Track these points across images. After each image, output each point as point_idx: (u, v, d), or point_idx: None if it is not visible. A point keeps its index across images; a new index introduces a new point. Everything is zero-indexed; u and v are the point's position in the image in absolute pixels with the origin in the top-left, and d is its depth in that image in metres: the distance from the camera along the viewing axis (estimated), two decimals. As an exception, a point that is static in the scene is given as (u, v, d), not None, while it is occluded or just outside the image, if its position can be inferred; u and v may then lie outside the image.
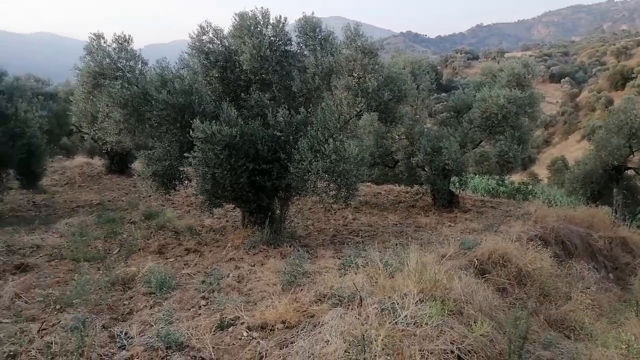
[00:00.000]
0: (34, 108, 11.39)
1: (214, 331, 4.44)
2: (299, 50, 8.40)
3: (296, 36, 8.37)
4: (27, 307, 5.57)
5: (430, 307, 3.68)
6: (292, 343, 3.85)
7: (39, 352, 4.27)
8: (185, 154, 7.59)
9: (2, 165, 10.97)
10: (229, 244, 8.08)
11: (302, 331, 4.07)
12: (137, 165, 19.01)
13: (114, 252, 8.10)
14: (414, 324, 3.56)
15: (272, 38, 8.03)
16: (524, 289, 6.55)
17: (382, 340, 3.21)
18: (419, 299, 3.87)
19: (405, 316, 3.61)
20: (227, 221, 10.58)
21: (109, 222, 9.99)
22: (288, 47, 8.32)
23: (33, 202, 13.16)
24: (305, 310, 4.55)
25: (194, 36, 8.37)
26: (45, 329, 4.89)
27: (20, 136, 10.49)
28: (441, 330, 3.52)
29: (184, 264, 7.36)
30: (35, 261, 7.46)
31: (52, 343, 4.42)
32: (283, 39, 8.21)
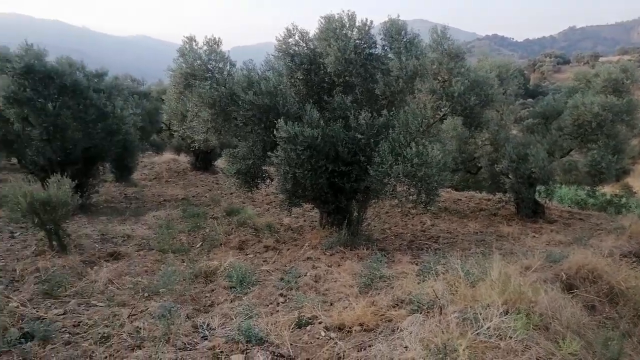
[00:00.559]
0: (129, 106, 12.06)
1: (292, 328, 4.51)
2: (383, 53, 8.36)
3: (381, 39, 8.34)
4: (119, 292, 5.92)
5: (514, 320, 3.54)
6: (370, 346, 3.83)
7: (129, 335, 4.52)
8: (268, 153, 7.77)
9: (100, 158, 11.73)
10: (307, 244, 8.18)
11: (380, 335, 4.04)
12: (220, 163, 19.73)
13: (197, 246, 8.43)
14: (498, 337, 3.43)
15: (357, 41, 8.05)
16: (616, 308, 6.12)
17: (464, 350, 3.12)
18: (503, 311, 3.73)
19: (489, 327, 3.49)
20: (304, 221, 10.72)
21: (193, 216, 10.43)
22: (373, 50, 8.30)
23: (125, 194, 13.99)
24: (383, 315, 4.52)
25: (281, 39, 8.55)
26: (134, 315, 5.18)
27: (117, 132, 11.17)
28: (526, 345, 3.37)
29: (263, 261, 7.53)
30: (126, 250, 7.92)
31: (140, 328, 4.67)
32: (368, 42, 8.20)
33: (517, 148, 11.42)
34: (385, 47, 8.35)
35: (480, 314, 3.69)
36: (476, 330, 3.52)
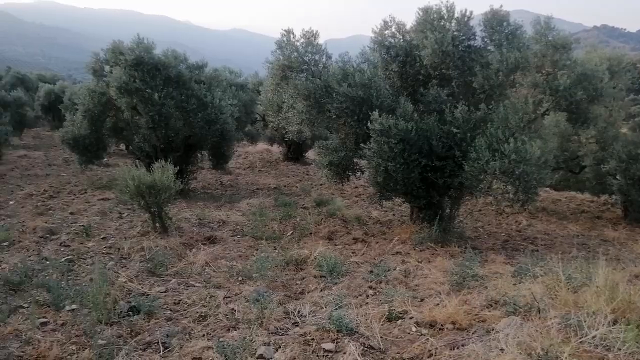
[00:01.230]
0: (227, 97, 12.52)
1: (382, 321, 4.51)
2: (482, 45, 8.06)
3: (481, 30, 8.04)
4: (215, 275, 6.21)
5: (624, 331, 3.29)
6: (463, 345, 3.74)
7: (225, 316, 4.73)
8: (361, 146, 7.78)
9: (199, 147, 12.32)
10: (396, 238, 8.11)
11: (473, 335, 3.93)
12: (311, 154, 20.02)
13: (288, 234, 8.62)
14: (604, 347, 3.21)
15: (455, 33, 7.82)
16: None
17: (567, 358, 2.96)
18: (611, 320, 3.49)
19: (594, 337, 3.28)
20: (393, 215, 10.63)
21: (284, 205, 10.68)
22: (471, 42, 8.03)
23: (220, 181, 14.60)
24: (477, 314, 4.38)
25: (377, 30, 8.50)
26: (229, 297, 5.41)
27: (215, 122, 11.66)
28: (637, 359, 3.14)
29: (352, 252, 7.56)
30: (221, 235, 8.28)
31: (235, 310, 4.87)
32: (467, 33, 7.94)
33: (627, 147, 10.59)
34: (485, 39, 8.04)
35: (585, 322, 3.48)
36: (580, 338, 3.32)
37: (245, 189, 13.63)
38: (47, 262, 6.38)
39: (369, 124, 7.45)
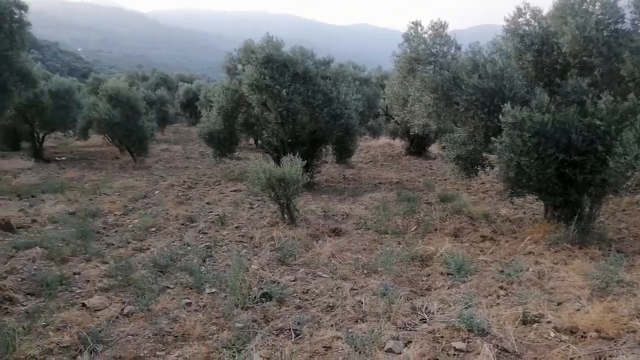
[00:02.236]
0: (351, 92, 12.65)
1: (517, 324, 4.29)
2: (632, 29, 7.31)
3: (630, 12, 7.30)
4: (340, 267, 6.31)
5: None
6: (610, 356, 3.44)
7: (352, 308, 4.80)
8: (492, 139, 7.45)
9: (324, 141, 12.61)
10: (528, 237, 7.66)
11: (622, 346, 3.61)
12: (434, 148, 19.61)
13: (412, 229, 8.52)
14: None
15: (599, 16, 7.17)
16: None
17: None
18: None
19: None
20: (524, 213, 10.06)
21: (407, 200, 10.56)
22: (619, 26, 7.32)
23: (343, 175, 14.82)
24: (625, 324, 4.01)
25: (509, 18, 8.06)
26: (355, 289, 5.47)
27: (340, 116, 11.84)
28: None
29: (480, 251, 7.29)
30: (345, 227, 8.39)
31: (362, 303, 4.92)
32: (614, 16, 7.24)
33: None
34: (636, 22, 7.28)
35: None
36: None
37: (367, 182, 13.70)
38: (189, 248, 6.93)
39: (500, 116, 7.10)
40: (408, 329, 4.33)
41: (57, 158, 16.96)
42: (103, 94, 15.89)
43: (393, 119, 19.55)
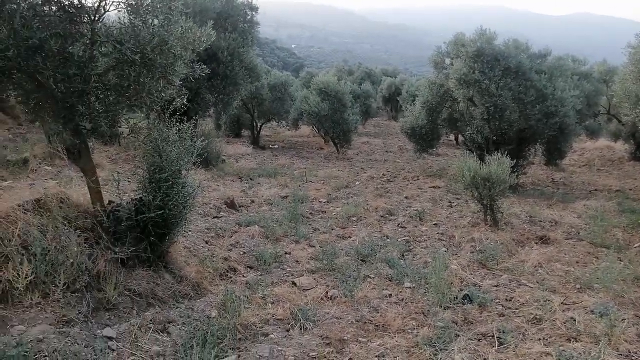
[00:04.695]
0: (568, 87, 11.56)
1: None
2: None
3: None
4: (548, 278, 5.83)
5: None
6: None
7: (563, 324, 4.39)
8: None
9: (533, 140, 11.76)
10: None
11: None
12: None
13: (635, 245, 7.49)
14: None
15: None
16: None
17: None
18: None
19: None
20: None
21: (631, 212, 9.31)
22: None
23: (552, 178, 13.66)
24: None
25: None
26: (566, 304, 5.00)
27: (554, 114, 10.91)
28: None
29: None
30: (554, 236, 7.71)
31: (575, 320, 4.47)
32: None
33: None
34: None
35: None
36: None
37: (580, 188, 12.41)
38: (388, 240, 7.06)
39: None
40: (633, 357, 3.81)
41: (270, 146, 18.64)
42: (314, 87, 16.98)
43: (617, 118, 17.35)
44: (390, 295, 5.03)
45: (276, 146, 18.70)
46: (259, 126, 18.54)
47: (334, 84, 16.74)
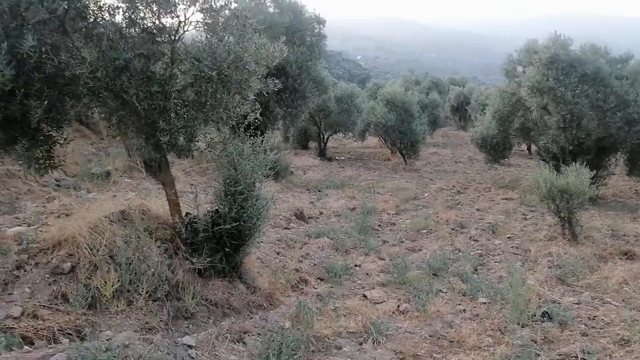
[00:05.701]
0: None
1: None
2: None
3: None
4: (635, 296, 5.48)
5: None
6: None
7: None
8: None
9: (613, 149, 11.15)
10: None
11: None
12: None
13: None
14: None
15: None
16: None
17: None
18: None
19: None
20: None
21: None
22: None
23: (635, 190, 12.86)
24: None
25: None
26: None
27: (637, 122, 10.29)
28: None
29: None
30: (640, 250, 7.27)
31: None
32: None
33: None
34: None
35: None
36: None
37: (670, 201, 11.63)
38: (460, 253, 6.90)
39: None
40: None
41: (337, 157, 18.74)
42: (381, 98, 16.95)
43: None
44: (464, 310, 4.90)
45: (343, 158, 18.78)
46: (325, 138, 18.70)
47: (401, 95, 16.64)
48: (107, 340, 3.24)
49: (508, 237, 7.87)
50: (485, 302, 5.09)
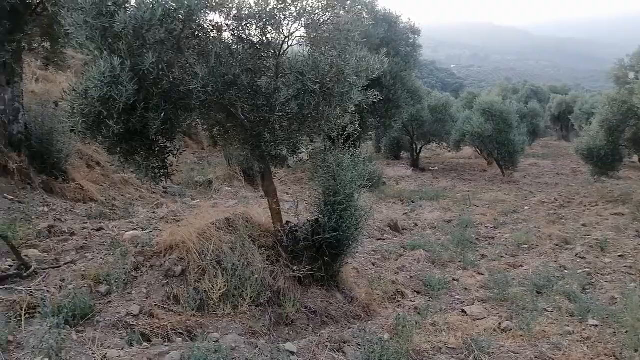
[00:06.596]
0: None
1: None
2: None
3: None
4: None
5: None
6: None
7: None
8: None
9: None
10: None
11: None
12: None
13: None
14: None
15: None
16: None
17: None
18: None
19: None
20: None
21: None
22: None
23: None
24: None
25: None
26: None
27: None
28: None
29: None
30: None
31: None
32: None
33: None
34: None
35: None
36: None
37: None
38: (565, 271, 6.51)
39: None
40: None
41: (430, 168, 18.42)
42: (477, 107, 16.48)
43: None
44: (572, 332, 4.61)
45: (436, 168, 18.43)
46: (418, 148, 18.46)
47: (498, 104, 16.09)
48: (215, 342, 3.40)
49: (619, 255, 7.31)
50: (596, 325, 4.76)
